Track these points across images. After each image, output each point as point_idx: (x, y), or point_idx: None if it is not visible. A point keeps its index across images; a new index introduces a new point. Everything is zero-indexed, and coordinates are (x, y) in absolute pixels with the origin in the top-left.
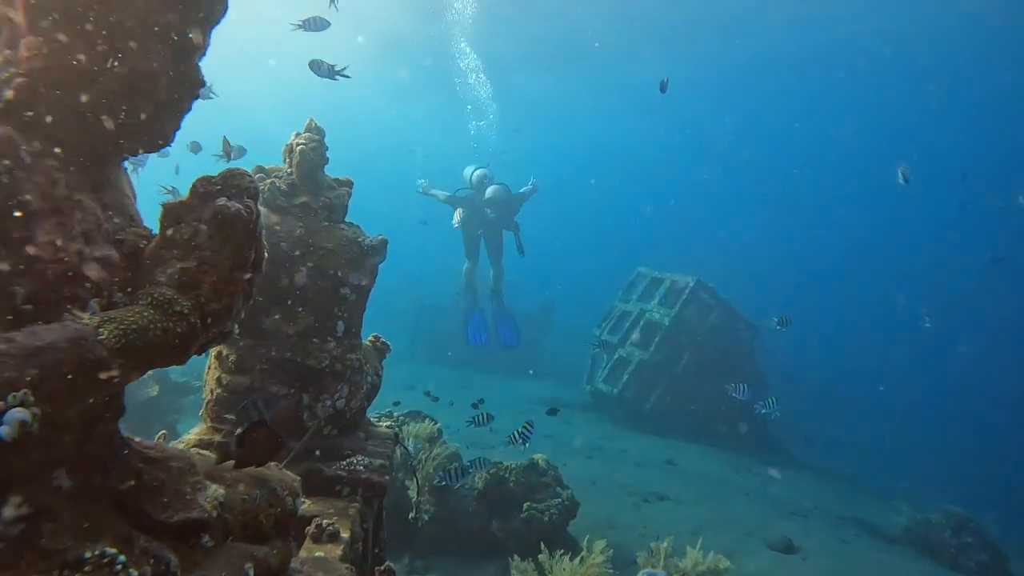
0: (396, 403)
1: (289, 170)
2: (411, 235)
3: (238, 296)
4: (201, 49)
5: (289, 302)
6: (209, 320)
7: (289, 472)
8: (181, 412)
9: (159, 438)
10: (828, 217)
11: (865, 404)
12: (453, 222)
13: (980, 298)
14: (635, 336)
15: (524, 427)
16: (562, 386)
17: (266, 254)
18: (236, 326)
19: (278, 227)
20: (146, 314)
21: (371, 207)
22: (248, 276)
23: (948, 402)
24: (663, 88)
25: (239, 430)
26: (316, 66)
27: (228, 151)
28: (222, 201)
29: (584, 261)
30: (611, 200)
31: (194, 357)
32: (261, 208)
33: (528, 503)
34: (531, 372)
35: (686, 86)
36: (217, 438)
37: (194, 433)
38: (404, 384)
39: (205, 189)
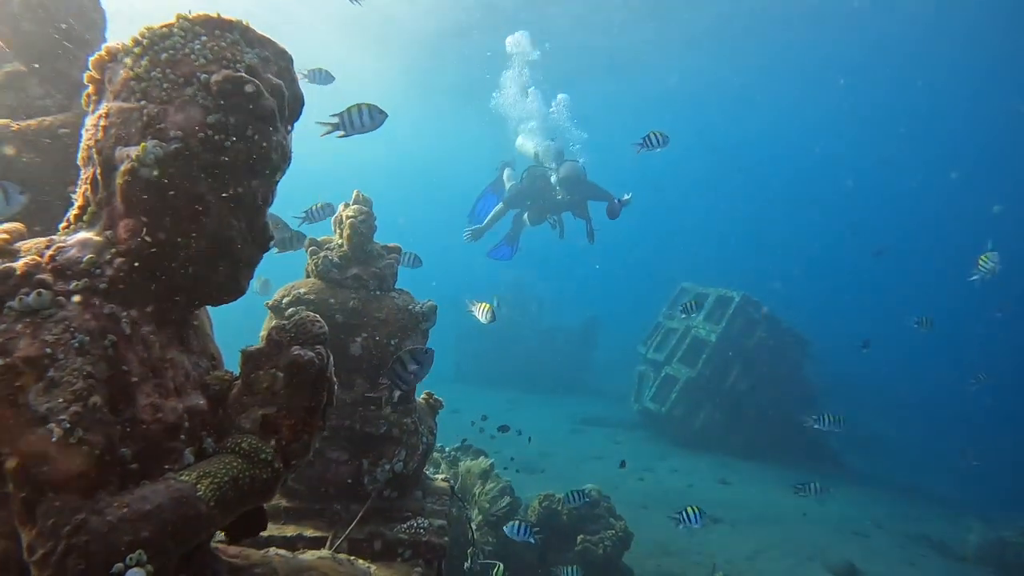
0: (466, 440)
1: (340, 242)
2: (448, 255)
3: (315, 435)
4: (269, 204)
5: (346, 372)
6: (291, 460)
7: (361, 563)
8: None
9: None
10: (880, 222)
11: (925, 412)
12: (464, 232)
13: None
14: (681, 353)
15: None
16: (610, 404)
17: (336, 388)
18: None
19: (332, 300)
20: (235, 464)
21: (400, 225)
22: (323, 415)
23: (1017, 407)
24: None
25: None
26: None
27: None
28: (296, 350)
29: (628, 276)
30: (655, 213)
31: None
32: (316, 281)
33: (582, 536)
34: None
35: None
36: (283, 503)
37: None
38: (450, 407)
39: (279, 337)
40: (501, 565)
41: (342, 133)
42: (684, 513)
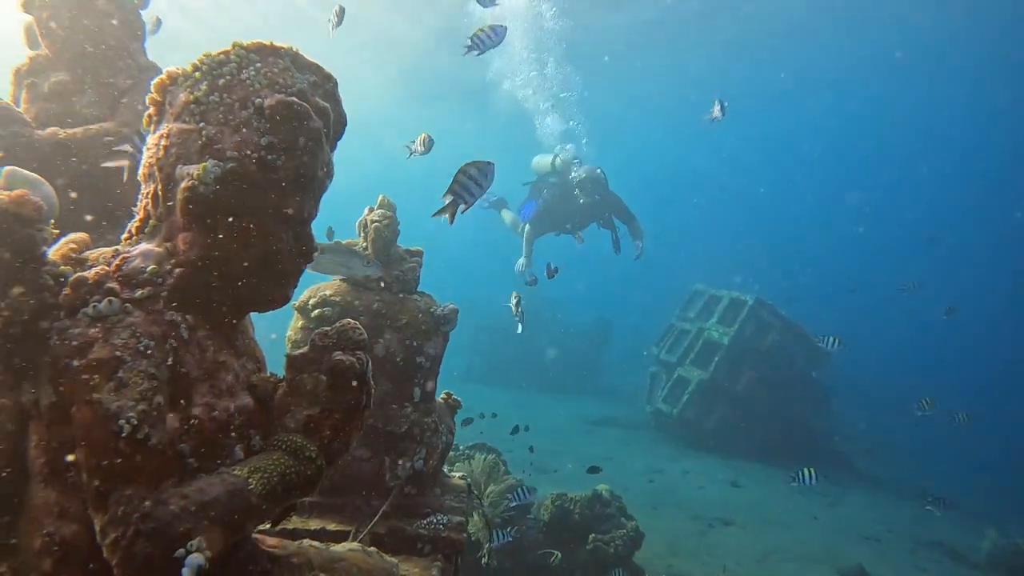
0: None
1: (364, 244)
2: (464, 256)
3: (355, 434)
4: (314, 217)
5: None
6: (332, 458)
7: (388, 557)
8: None
9: None
10: (894, 220)
11: (939, 415)
12: (516, 267)
13: None
14: (693, 355)
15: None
16: (622, 405)
17: (374, 391)
18: None
19: (357, 302)
20: (283, 460)
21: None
22: (361, 416)
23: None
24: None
25: None
26: None
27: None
28: (338, 355)
29: (641, 277)
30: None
31: None
32: (341, 283)
33: (593, 535)
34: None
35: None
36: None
37: None
38: (464, 405)
39: (323, 343)
40: (559, 554)
41: (478, 52)
42: (800, 473)
